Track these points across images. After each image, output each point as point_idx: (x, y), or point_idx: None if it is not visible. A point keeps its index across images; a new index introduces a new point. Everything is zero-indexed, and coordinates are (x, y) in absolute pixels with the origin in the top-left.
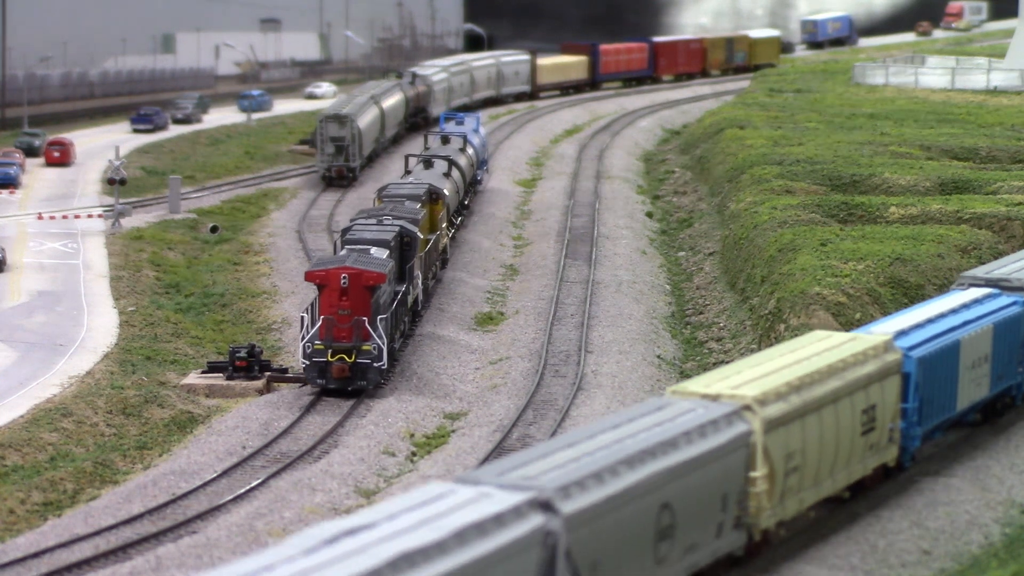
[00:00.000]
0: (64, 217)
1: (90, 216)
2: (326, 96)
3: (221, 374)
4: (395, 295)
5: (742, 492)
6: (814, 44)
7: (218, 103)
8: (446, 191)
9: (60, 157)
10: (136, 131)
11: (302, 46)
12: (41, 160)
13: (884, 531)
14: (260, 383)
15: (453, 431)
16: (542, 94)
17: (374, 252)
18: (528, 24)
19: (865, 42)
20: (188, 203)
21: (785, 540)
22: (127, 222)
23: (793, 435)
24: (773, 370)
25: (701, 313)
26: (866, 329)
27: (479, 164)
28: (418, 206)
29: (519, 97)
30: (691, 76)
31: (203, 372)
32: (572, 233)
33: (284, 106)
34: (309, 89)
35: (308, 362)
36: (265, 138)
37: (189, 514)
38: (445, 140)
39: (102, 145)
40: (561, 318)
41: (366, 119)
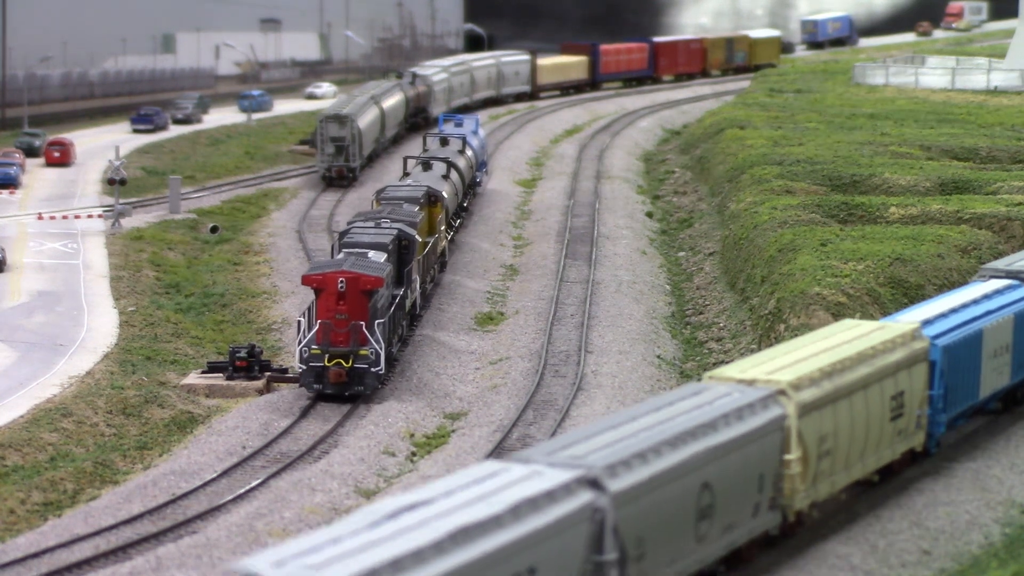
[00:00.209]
0: (64, 217)
1: (90, 216)
2: (326, 96)
3: (221, 374)
4: (393, 299)
5: (777, 474)
6: (814, 44)
7: (218, 103)
8: (445, 194)
9: (60, 157)
10: (136, 131)
11: (302, 46)
12: (41, 160)
13: (884, 531)
14: (260, 383)
15: (453, 431)
16: (542, 94)
17: (371, 256)
18: (528, 24)
19: (865, 42)
20: (188, 203)
21: (817, 521)
22: (127, 222)
23: (825, 419)
24: (806, 356)
25: (701, 313)
26: (893, 318)
27: (478, 166)
28: (416, 209)
29: (519, 97)
30: (691, 76)
31: (203, 372)
32: (572, 233)
33: (284, 106)
34: (309, 89)
35: (305, 367)
36: (265, 138)
37: (189, 514)
38: (444, 142)
39: (102, 145)
40: (561, 318)
41: (366, 119)
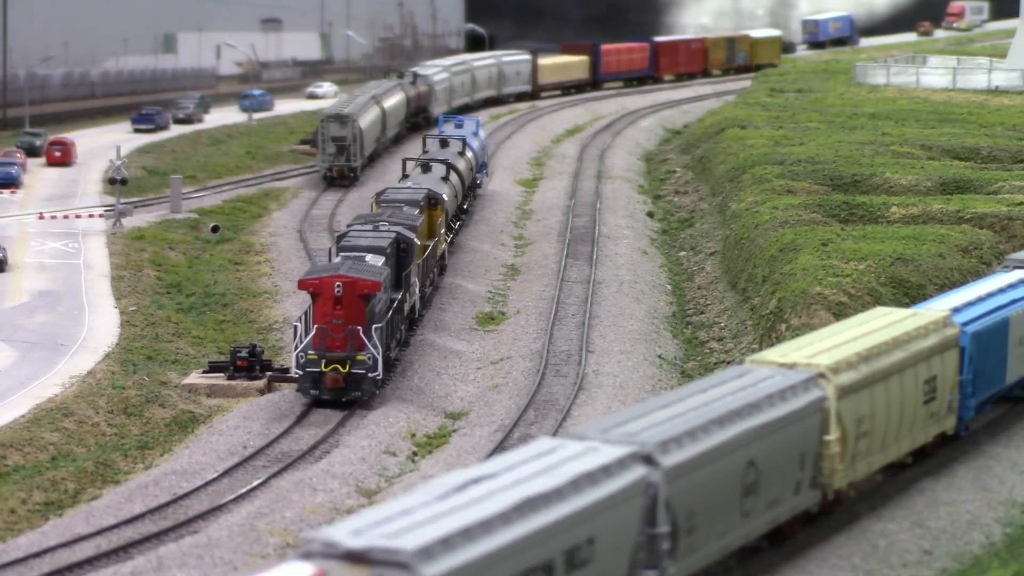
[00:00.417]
0: (65, 217)
1: (91, 216)
2: (327, 96)
3: (222, 374)
4: (391, 303)
5: (817, 453)
6: (815, 44)
7: (219, 103)
8: (445, 196)
9: (61, 157)
10: (137, 131)
11: (303, 46)
12: (42, 160)
13: (885, 531)
14: (261, 383)
15: (454, 431)
16: (543, 94)
17: (369, 259)
18: (529, 24)
19: (866, 42)
20: (189, 203)
21: (855, 499)
22: (128, 222)
23: (863, 402)
24: (843, 342)
25: (702, 313)
26: (923, 306)
27: (478, 167)
28: (416, 212)
29: (520, 97)
30: (692, 76)
31: (204, 372)
32: (573, 233)
33: (285, 106)
34: (310, 89)
35: (301, 372)
36: (266, 138)
37: (190, 514)
38: (444, 143)
39: (103, 145)
40: (562, 318)
41: (367, 119)
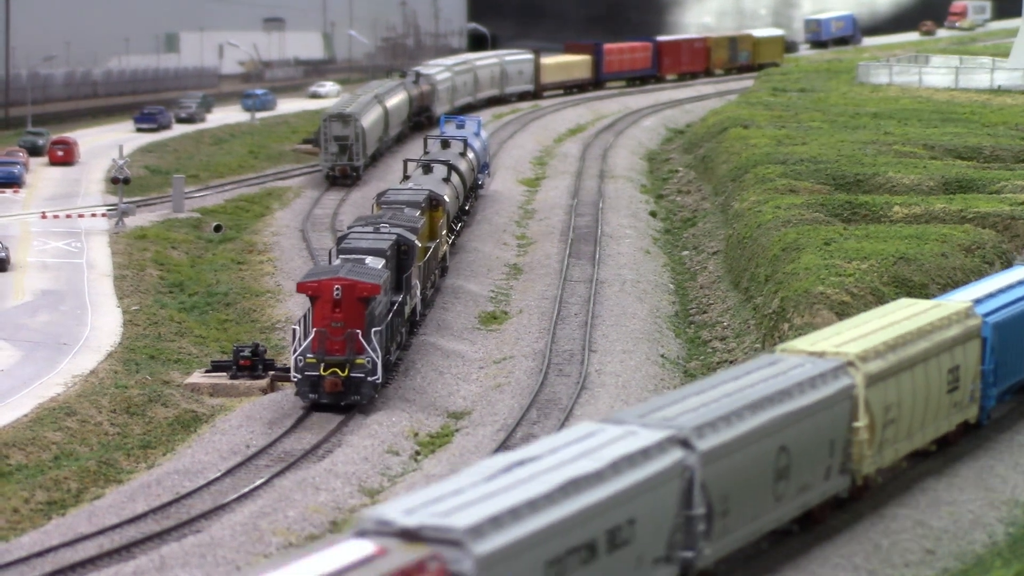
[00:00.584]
0: (68, 216)
1: (94, 215)
2: (330, 95)
3: (225, 373)
4: (391, 306)
5: (847, 440)
6: (818, 43)
7: (222, 102)
8: (446, 197)
9: (64, 156)
10: (140, 130)
11: (306, 45)
12: (45, 159)
13: (887, 530)
14: (264, 382)
15: (457, 430)
16: (546, 93)
17: (369, 262)
18: (531, 23)
19: (869, 41)
20: (192, 202)
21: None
22: (131, 221)
23: (890, 390)
24: (870, 331)
25: (705, 312)
26: (945, 298)
27: (480, 168)
28: (417, 213)
29: (523, 96)
30: (695, 75)
31: (207, 371)
32: (576, 232)
33: (288, 105)
34: (313, 88)
35: (300, 376)
36: (269, 137)
37: (193, 513)
38: (445, 144)
39: (106, 144)
40: (565, 317)
41: (370, 118)
